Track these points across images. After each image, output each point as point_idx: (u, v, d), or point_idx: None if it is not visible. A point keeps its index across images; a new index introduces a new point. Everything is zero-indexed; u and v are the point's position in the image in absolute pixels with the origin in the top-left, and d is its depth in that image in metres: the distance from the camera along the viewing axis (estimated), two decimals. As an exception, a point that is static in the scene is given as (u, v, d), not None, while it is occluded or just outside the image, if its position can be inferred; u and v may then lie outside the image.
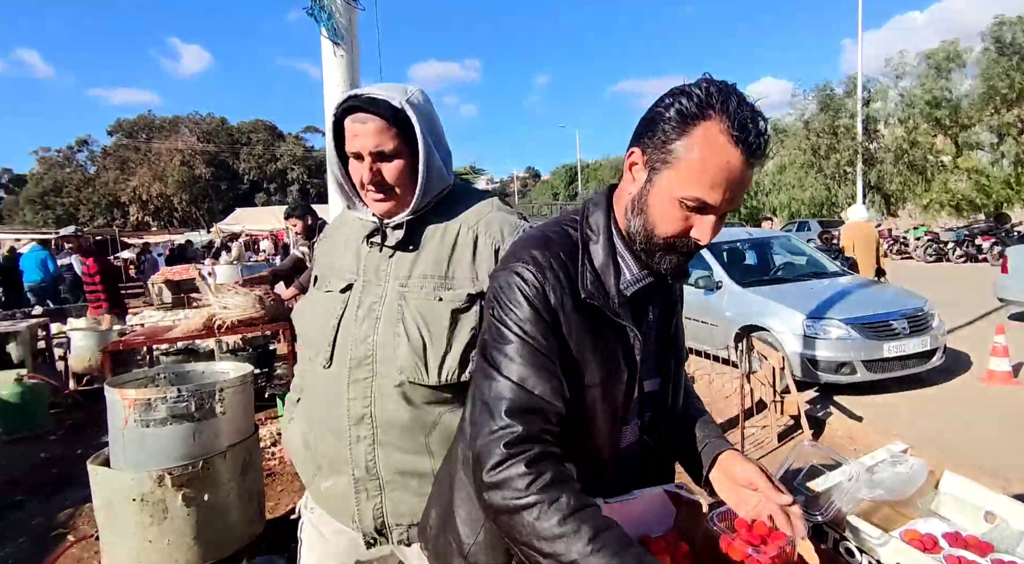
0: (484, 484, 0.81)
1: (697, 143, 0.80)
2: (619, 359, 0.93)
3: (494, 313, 0.89)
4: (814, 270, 6.17)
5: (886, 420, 4.22)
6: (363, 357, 1.11)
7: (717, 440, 1.03)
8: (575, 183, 48.46)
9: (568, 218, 0.99)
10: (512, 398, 0.83)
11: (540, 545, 0.75)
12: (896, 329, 4.78)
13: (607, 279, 0.91)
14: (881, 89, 25.85)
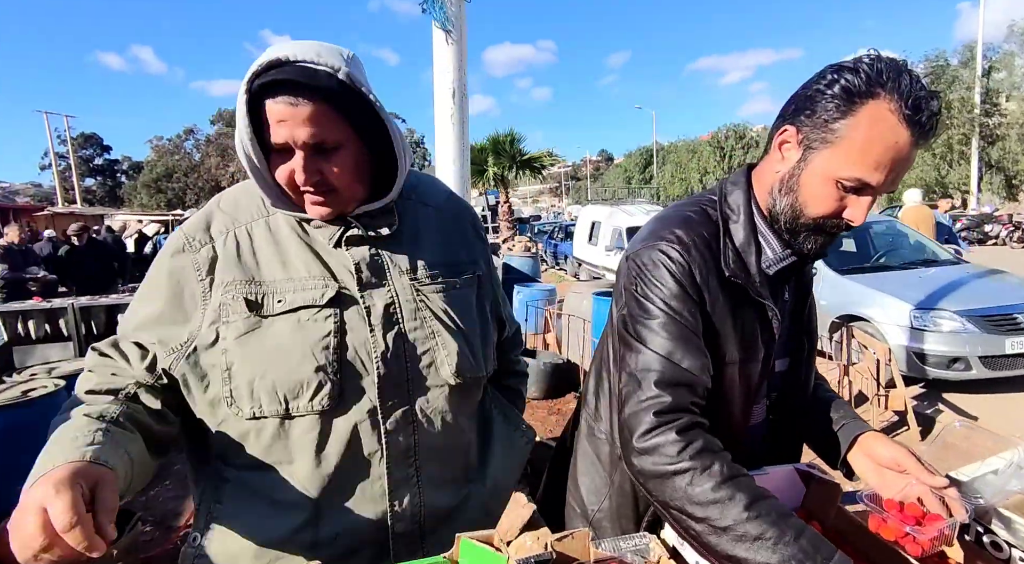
0: (635, 449, 0.83)
1: (864, 122, 0.78)
2: (757, 337, 0.94)
3: (638, 289, 0.91)
4: (922, 257, 5.69)
5: (1006, 422, 3.87)
6: (398, 374, 0.87)
7: (855, 421, 1.02)
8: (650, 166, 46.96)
9: (707, 198, 1.00)
10: (661, 370, 0.85)
11: (693, 510, 0.77)
12: (1021, 323, 4.34)
13: (748, 258, 0.92)
14: (1004, 57, 22.97)
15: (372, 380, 0.86)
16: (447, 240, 0.99)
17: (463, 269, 0.99)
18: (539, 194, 77.57)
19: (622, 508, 1.05)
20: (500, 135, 13.25)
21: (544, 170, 14.66)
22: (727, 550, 0.74)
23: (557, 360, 4.68)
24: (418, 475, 0.90)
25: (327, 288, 0.86)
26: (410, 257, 0.93)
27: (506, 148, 13.08)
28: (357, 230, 0.89)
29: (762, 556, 0.71)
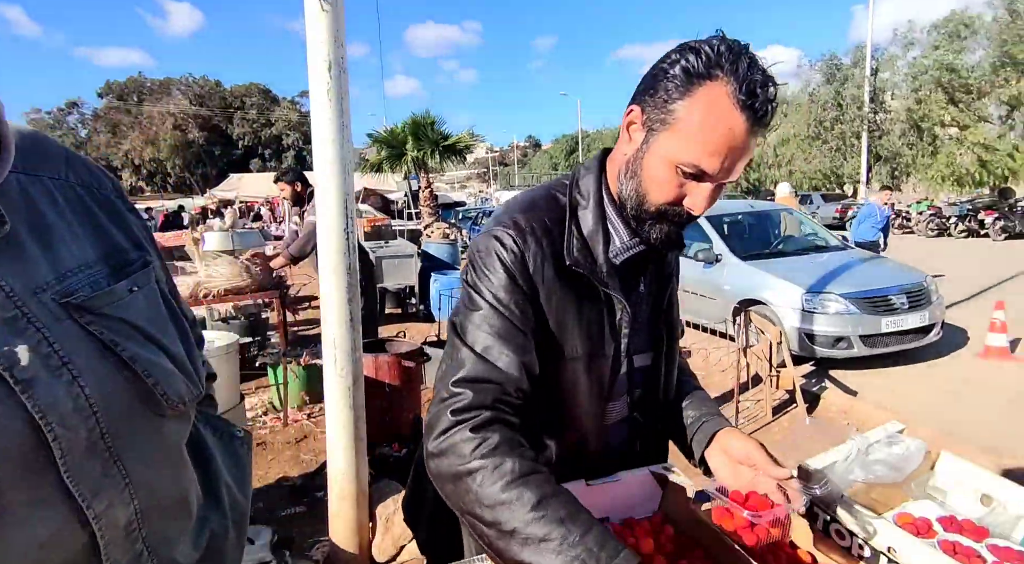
0: (430, 453, 0.77)
1: (700, 105, 0.74)
2: (604, 331, 0.88)
3: (468, 278, 0.85)
4: (816, 244, 6.09)
5: (882, 395, 4.22)
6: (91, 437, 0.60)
7: (715, 418, 0.99)
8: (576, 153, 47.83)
9: (558, 183, 0.94)
10: (470, 367, 0.79)
11: (482, 513, 0.71)
12: (895, 304, 4.74)
13: (595, 246, 0.86)
14: (889, 58, 25.29)
15: (51, 461, 0.58)
16: (93, 224, 0.69)
17: (130, 261, 0.70)
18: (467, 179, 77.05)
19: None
20: (420, 117, 12.87)
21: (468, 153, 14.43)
22: (515, 555, 0.68)
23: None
24: (147, 548, 0.67)
25: None
26: (45, 266, 0.63)
27: (427, 131, 12.72)
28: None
29: (547, 559, 0.66)
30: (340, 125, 2.01)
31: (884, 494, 1.04)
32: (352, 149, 2.10)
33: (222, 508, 0.80)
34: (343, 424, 2.13)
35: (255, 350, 4.57)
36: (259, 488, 2.84)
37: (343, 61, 2.00)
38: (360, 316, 2.20)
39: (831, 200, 21.45)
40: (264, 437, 3.39)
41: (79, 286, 0.62)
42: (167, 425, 0.68)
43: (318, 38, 1.94)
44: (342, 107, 2.00)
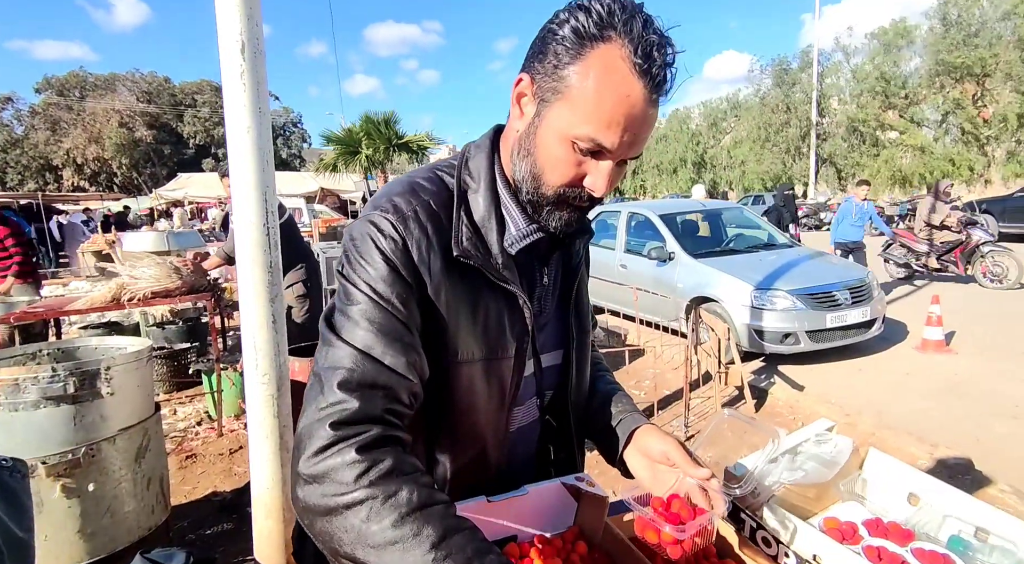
0: (300, 477, 0.62)
1: (593, 69, 0.65)
2: (506, 329, 0.79)
3: (343, 270, 0.74)
4: (765, 242, 6.21)
5: (827, 389, 4.31)
6: None
7: (632, 415, 0.91)
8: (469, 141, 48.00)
9: (446, 163, 0.83)
10: (351, 367, 0.67)
11: (366, 556, 0.58)
12: (839, 300, 4.85)
13: (488, 235, 0.76)
14: (833, 65, 26.43)
15: None
16: None
17: None
18: (430, 180, 76.16)
19: None
20: (375, 115, 12.59)
21: (424, 152, 14.20)
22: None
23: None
24: None
25: None
26: None
27: (381, 129, 12.45)
28: None
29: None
30: (257, 111, 1.86)
31: (813, 496, 0.99)
32: (270, 137, 1.95)
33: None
34: (267, 435, 1.98)
35: (192, 356, 4.31)
36: (185, 504, 2.65)
37: (259, 42, 1.85)
38: (284, 316, 2.05)
39: (783, 200, 22.16)
40: (196, 449, 3.18)
41: None
42: None
43: (229, 15, 1.79)
44: (258, 91, 1.85)
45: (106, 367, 1.84)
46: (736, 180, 29.27)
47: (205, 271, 3.48)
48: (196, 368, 3.75)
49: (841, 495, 1.01)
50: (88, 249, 8.74)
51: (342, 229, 10.62)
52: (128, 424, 1.94)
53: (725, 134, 31.84)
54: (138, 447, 1.96)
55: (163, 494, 2.12)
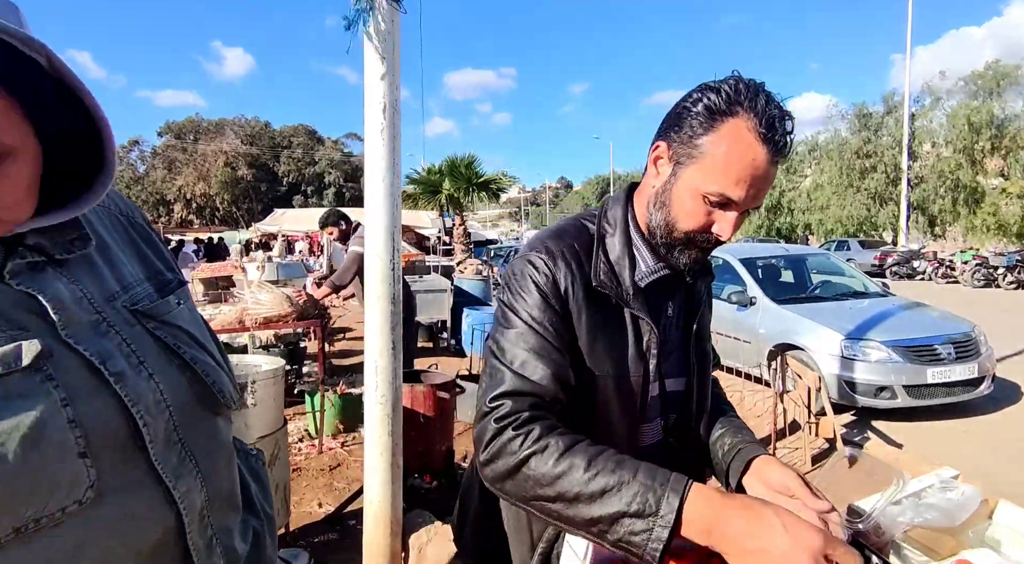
0: (483, 462, 0.81)
1: (724, 139, 0.81)
2: (633, 352, 0.93)
3: (504, 298, 0.92)
4: (853, 290, 5.96)
5: (929, 449, 4.03)
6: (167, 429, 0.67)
7: (752, 445, 1.00)
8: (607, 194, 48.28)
9: (587, 213, 1.02)
10: (507, 382, 0.84)
11: (545, 492, 0.75)
12: (941, 354, 4.57)
13: (621, 271, 0.92)
14: (923, 109, 25.12)
15: (141, 447, 0.64)
16: (136, 248, 0.78)
17: (168, 280, 0.79)
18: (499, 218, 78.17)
19: (517, 530, 1.02)
20: (457, 158, 13.33)
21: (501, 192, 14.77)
22: (586, 515, 0.72)
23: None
24: (215, 535, 0.74)
25: (20, 343, 0.59)
26: (112, 279, 0.71)
27: (462, 170, 13.14)
28: (32, 257, 0.64)
29: (613, 506, 0.70)
30: (391, 162, 2.13)
31: (935, 541, 1.02)
32: (400, 185, 2.21)
33: (255, 511, 0.86)
34: (381, 451, 2.16)
35: (293, 378, 4.67)
36: (293, 513, 2.86)
37: (397, 103, 2.13)
38: (401, 344, 2.26)
39: (869, 247, 20.97)
40: (299, 463, 3.43)
41: (141, 297, 0.72)
42: (219, 423, 0.76)
43: (376, 81, 2.08)
44: (394, 146, 2.12)
45: (252, 380, 2.11)
46: (816, 225, 28.07)
47: (316, 300, 3.82)
48: (300, 388, 4.07)
49: (971, 542, 1.02)
50: (197, 276, 9.65)
51: (420, 263, 11.16)
52: (264, 433, 2.18)
53: (804, 177, 30.76)
54: (270, 455, 2.20)
55: (286, 501, 2.34)
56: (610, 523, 0.70)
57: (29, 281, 0.63)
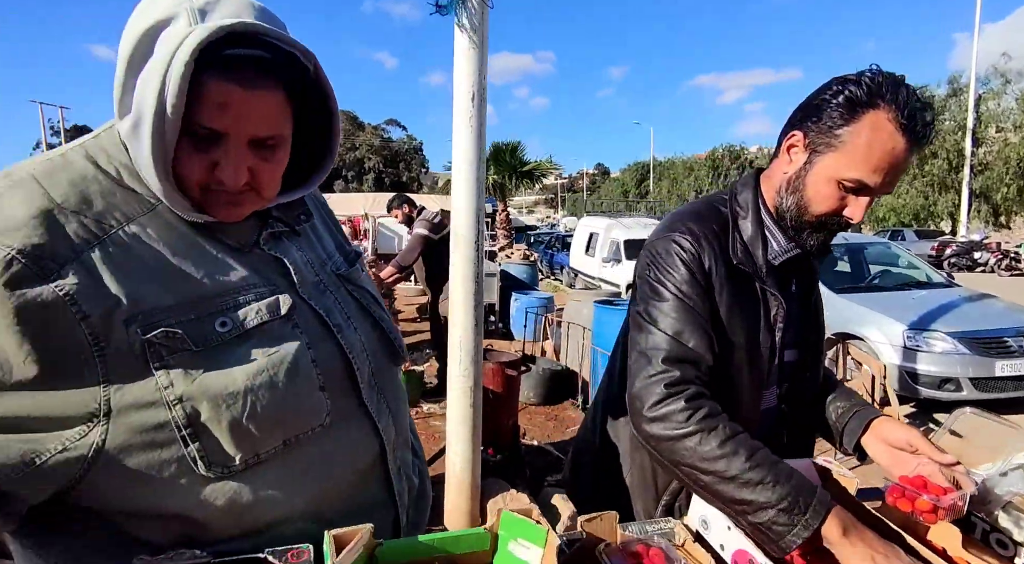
0: (646, 418, 0.91)
1: (865, 129, 0.86)
2: (763, 325, 1.01)
3: (651, 274, 1.00)
4: (916, 280, 5.80)
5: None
6: (367, 372, 0.81)
7: (868, 408, 1.08)
8: (646, 181, 47.39)
9: (717, 197, 1.09)
10: (668, 348, 0.93)
11: (703, 465, 0.86)
12: (1011, 346, 4.43)
13: (755, 250, 1.00)
14: (992, 92, 23.63)
15: (354, 386, 0.78)
16: (326, 225, 0.93)
17: (348, 251, 0.93)
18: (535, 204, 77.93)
19: (642, 483, 1.11)
20: (502, 144, 13.41)
21: (543, 179, 14.79)
22: (735, 495, 0.83)
23: (556, 367, 4.70)
24: (399, 467, 0.88)
25: (278, 296, 0.72)
26: (321, 248, 0.86)
27: (506, 157, 13.24)
28: (278, 227, 0.78)
29: (765, 496, 0.81)
30: (478, 148, 2.22)
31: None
32: (484, 171, 2.31)
33: (419, 456, 0.99)
34: (462, 421, 2.30)
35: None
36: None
37: (484, 92, 2.22)
38: (483, 321, 2.38)
39: (925, 237, 20.07)
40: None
41: (340, 264, 0.88)
42: (398, 374, 0.92)
43: (465, 70, 2.18)
44: (480, 133, 2.22)
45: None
46: (870, 214, 26.97)
47: (382, 280, 3.99)
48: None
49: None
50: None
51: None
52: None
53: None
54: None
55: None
56: (757, 509, 0.81)
57: (275, 247, 0.79)
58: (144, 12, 0.63)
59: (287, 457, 0.71)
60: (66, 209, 0.62)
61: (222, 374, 0.65)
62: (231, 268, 0.71)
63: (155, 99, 0.59)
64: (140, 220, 0.66)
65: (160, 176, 0.63)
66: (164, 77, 0.59)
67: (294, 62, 0.66)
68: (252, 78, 0.63)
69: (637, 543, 0.84)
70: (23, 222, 0.58)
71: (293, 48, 0.64)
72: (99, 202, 0.64)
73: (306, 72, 0.68)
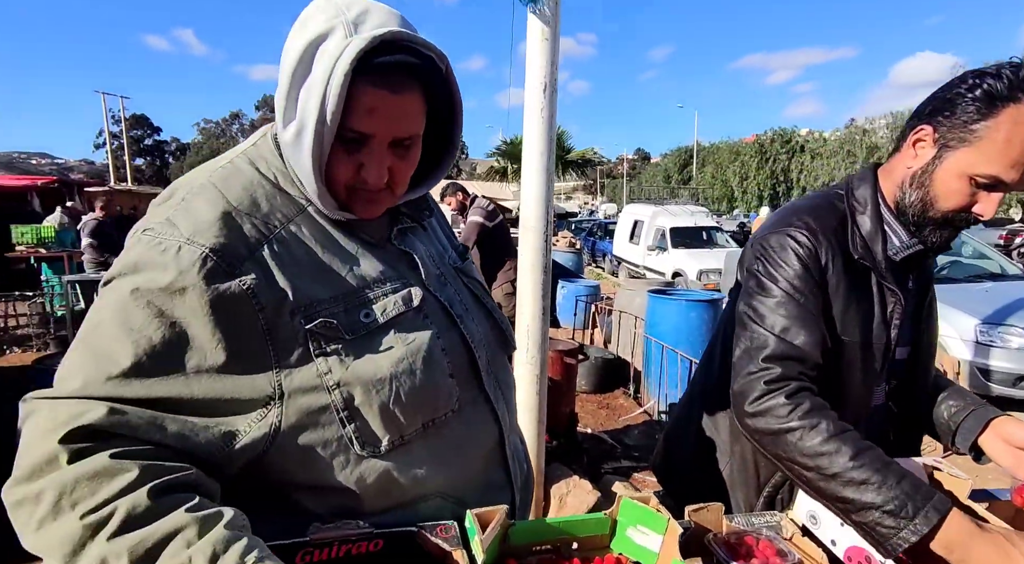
0: (747, 413, 0.93)
1: (1004, 124, 0.84)
2: (879, 321, 1.00)
3: (760, 269, 1.00)
4: (989, 271, 5.50)
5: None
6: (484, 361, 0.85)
7: (984, 408, 1.06)
8: (689, 166, 46.15)
9: (833, 192, 1.07)
10: (773, 346, 0.93)
11: (803, 461, 0.86)
12: (1096, 344, 4.17)
13: (874, 246, 0.99)
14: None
15: (476, 374, 0.83)
16: (439, 219, 0.97)
17: (457, 245, 0.98)
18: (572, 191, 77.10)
19: (742, 474, 1.12)
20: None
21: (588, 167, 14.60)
22: (836, 492, 0.82)
23: (607, 356, 4.71)
24: (513, 452, 0.92)
25: (410, 289, 0.77)
26: (439, 242, 0.92)
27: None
28: (407, 223, 0.84)
29: (868, 497, 0.80)
30: (549, 139, 2.24)
31: None
32: (554, 162, 2.33)
33: (524, 443, 1.04)
34: (528, 408, 2.35)
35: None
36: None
37: (555, 84, 2.23)
38: (549, 311, 2.42)
39: (992, 225, 18.88)
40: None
41: (454, 257, 0.92)
42: (508, 364, 0.95)
43: (537, 61, 2.19)
44: (551, 124, 2.23)
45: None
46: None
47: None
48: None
49: None
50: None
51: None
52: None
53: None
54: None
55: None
56: (859, 509, 0.80)
57: (404, 242, 0.84)
58: (303, 29, 0.68)
59: (427, 439, 0.77)
60: (240, 211, 0.68)
61: (370, 361, 0.70)
62: (369, 262, 0.76)
63: (317, 109, 0.64)
64: (296, 220, 0.72)
65: (316, 179, 0.69)
66: (325, 88, 0.64)
67: (432, 65, 0.69)
68: (399, 82, 0.67)
69: (746, 534, 0.87)
70: (211, 223, 0.65)
71: (431, 51, 0.68)
72: (264, 204, 0.71)
73: (439, 73, 0.71)
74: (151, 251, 0.63)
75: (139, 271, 0.62)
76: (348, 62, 0.62)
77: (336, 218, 0.75)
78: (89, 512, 0.53)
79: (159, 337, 0.61)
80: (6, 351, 5.71)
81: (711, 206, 33.75)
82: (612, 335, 5.19)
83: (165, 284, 0.61)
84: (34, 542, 0.54)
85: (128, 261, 0.64)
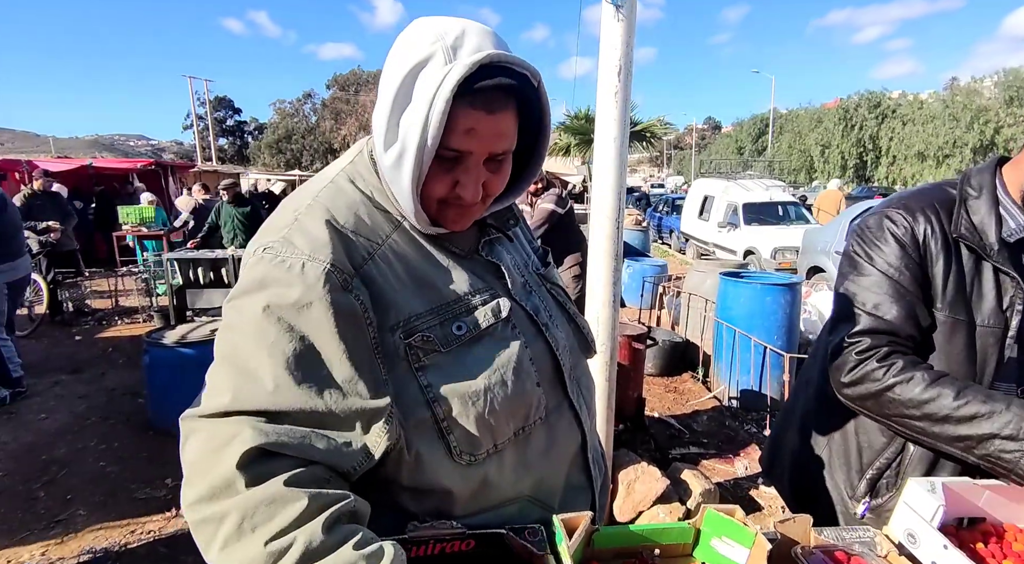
0: (844, 384, 0.97)
1: None
2: (990, 302, 0.96)
3: (855, 249, 1.03)
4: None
5: None
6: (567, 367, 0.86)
7: None
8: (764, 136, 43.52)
9: (947, 181, 1.07)
10: (862, 322, 0.97)
11: (911, 412, 0.90)
12: None
13: (986, 228, 0.97)
14: None
15: (560, 380, 0.85)
16: (523, 227, 0.98)
17: (537, 248, 0.99)
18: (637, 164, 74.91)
19: (841, 458, 1.12)
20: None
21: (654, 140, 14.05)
22: (952, 433, 0.85)
23: (675, 339, 4.63)
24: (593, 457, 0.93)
25: (498, 300, 0.79)
26: (523, 249, 0.93)
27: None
28: (494, 234, 0.86)
29: (984, 428, 0.82)
30: (623, 124, 2.18)
31: None
32: (627, 147, 2.27)
33: (602, 445, 1.05)
34: (599, 394, 2.35)
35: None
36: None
37: (630, 66, 2.16)
38: (620, 298, 2.39)
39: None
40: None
41: (537, 265, 0.93)
42: (588, 368, 0.96)
43: (612, 43, 2.12)
44: (626, 108, 2.17)
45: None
46: None
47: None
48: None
49: None
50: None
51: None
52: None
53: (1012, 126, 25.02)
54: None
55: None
56: (979, 441, 0.81)
57: (490, 252, 0.85)
58: (404, 55, 0.68)
59: (517, 447, 0.79)
60: (347, 229, 0.71)
61: (464, 374, 0.73)
62: (459, 274, 0.78)
63: (419, 135, 0.66)
64: (393, 236, 0.75)
65: (414, 198, 0.71)
66: (427, 115, 0.65)
67: (526, 81, 0.70)
68: (496, 102, 0.68)
69: (836, 549, 0.85)
70: (326, 241, 0.68)
71: (526, 70, 0.69)
72: (367, 222, 0.74)
73: (532, 89, 0.72)
74: (276, 269, 0.66)
75: (266, 288, 0.65)
76: (449, 89, 0.63)
77: (428, 232, 0.77)
78: (271, 539, 0.57)
79: (292, 351, 0.63)
80: (116, 321, 6.35)
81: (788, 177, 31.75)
82: (680, 317, 5.07)
83: (294, 300, 0.64)
84: (218, 558, 0.59)
85: (253, 279, 0.66)
